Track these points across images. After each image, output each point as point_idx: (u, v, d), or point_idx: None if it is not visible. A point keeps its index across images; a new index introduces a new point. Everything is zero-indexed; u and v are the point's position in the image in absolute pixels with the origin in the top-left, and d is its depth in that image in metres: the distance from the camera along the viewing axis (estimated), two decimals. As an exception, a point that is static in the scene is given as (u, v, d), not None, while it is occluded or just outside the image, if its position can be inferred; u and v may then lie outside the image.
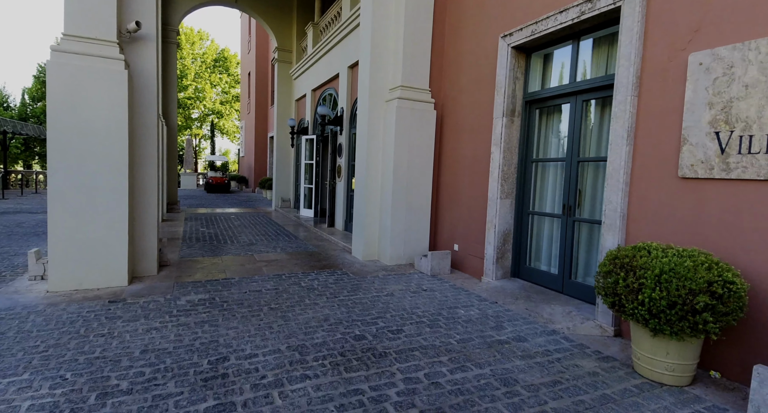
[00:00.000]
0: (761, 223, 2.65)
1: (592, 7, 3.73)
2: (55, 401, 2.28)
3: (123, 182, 4.33)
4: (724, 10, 2.86)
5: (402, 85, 5.76)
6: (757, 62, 2.66)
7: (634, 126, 3.41)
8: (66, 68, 4.05)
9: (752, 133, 2.68)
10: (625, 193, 3.46)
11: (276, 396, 2.40)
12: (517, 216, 4.98)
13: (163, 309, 3.76)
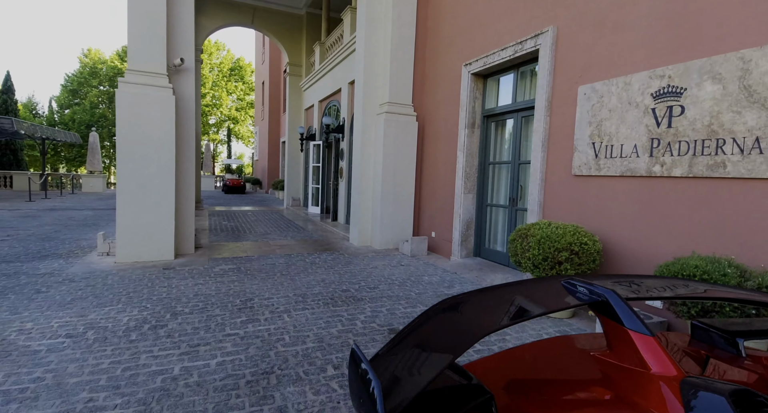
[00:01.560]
0: (615, 205, 3.85)
1: (522, 48, 4.97)
2: (144, 317, 3.60)
3: (171, 182, 5.70)
4: (600, 57, 4.07)
5: (389, 102, 7.04)
6: (616, 93, 3.88)
7: (547, 138, 4.63)
8: (130, 94, 5.44)
9: (612, 143, 3.89)
10: (541, 187, 4.68)
11: (285, 316, 3.70)
12: (477, 207, 6.21)
13: (203, 273, 5.10)
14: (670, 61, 3.40)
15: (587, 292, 1.17)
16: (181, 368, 2.71)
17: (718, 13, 3.10)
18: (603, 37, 4.00)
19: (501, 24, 5.38)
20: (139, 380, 2.54)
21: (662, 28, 3.48)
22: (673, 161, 3.34)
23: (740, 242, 2.94)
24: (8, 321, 3.41)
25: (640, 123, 3.61)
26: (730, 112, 2.98)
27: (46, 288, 4.30)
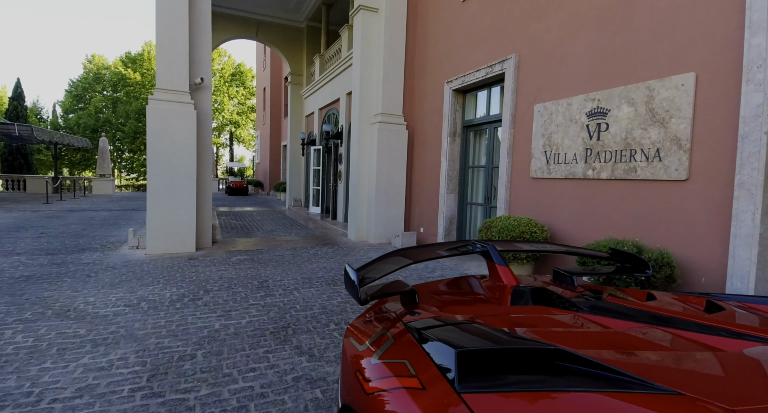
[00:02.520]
0: (560, 201, 4.75)
1: (492, 70, 5.88)
2: (182, 293, 4.49)
3: (193, 184, 6.59)
4: (550, 81, 4.98)
5: (383, 112, 7.94)
6: (561, 112, 4.78)
7: (511, 146, 5.54)
8: (159, 110, 6.33)
9: (558, 152, 4.79)
10: (507, 188, 5.58)
11: (295, 292, 4.58)
12: (459, 205, 7.11)
13: (223, 262, 5.99)
14: (600, 88, 4.31)
15: (480, 246, 2.06)
16: (219, 324, 3.60)
17: (632, 51, 4.00)
18: (552, 66, 4.91)
19: (475, 49, 6.29)
20: (190, 331, 3.43)
21: (594, 61, 4.39)
22: (601, 166, 4.25)
23: (645, 228, 3.84)
24: (73, 296, 4.30)
25: (578, 136, 4.51)
26: (639, 128, 3.89)
27: (95, 273, 5.19)
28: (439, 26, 7.32)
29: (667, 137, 3.63)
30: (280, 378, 2.70)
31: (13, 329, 3.38)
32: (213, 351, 3.08)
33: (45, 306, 3.95)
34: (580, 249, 2.32)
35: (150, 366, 2.81)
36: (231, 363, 2.90)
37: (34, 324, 3.48)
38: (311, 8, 13.83)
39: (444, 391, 1.00)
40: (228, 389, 2.55)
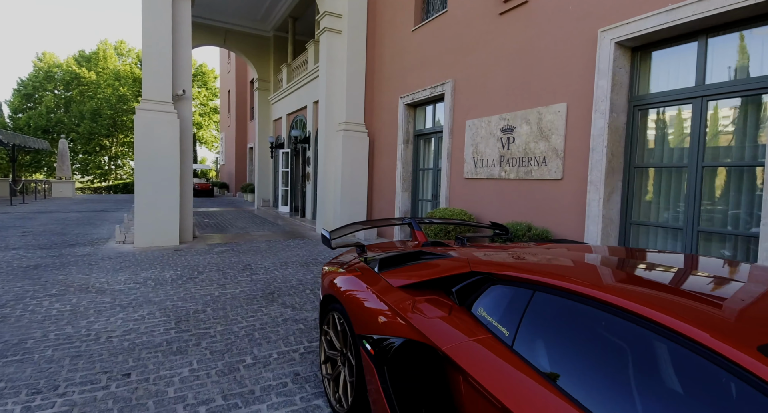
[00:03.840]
0: (484, 196, 6.09)
1: (434, 91, 7.18)
2: (179, 274, 5.42)
3: (176, 184, 7.44)
4: (477, 102, 6.31)
5: (346, 121, 9.08)
6: (484, 127, 6.12)
7: (450, 153, 6.85)
8: (145, 118, 7.15)
9: (483, 158, 6.13)
10: (447, 186, 6.88)
11: (275, 272, 5.64)
12: (412, 202, 8.38)
13: (207, 252, 6.91)
14: (509, 110, 5.68)
15: (407, 219, 3.27)
16: (218, 293, 4.61)
17: (530, 85, 5.38)
18: (478, 91, 6.26)
19: (423, 71, 7.57)
20: (196, 297, 4.43)
21: (506, 90, 5.76)
22: (510, 169, 5.61)
23: (536, 213, 5.22)
24: (86, 278, 5.13)
25: (495, 146, 5.87)
26: (533, 142, 5.27)
27: (95, 262, 5.99)
28: (394, 49, 8.56)
29: (550, 148, 5.02)
30: (272, 319, 3.80)
31: (49, 300, 4.24)
32: (218, 308, 4.12)
33: (65, 285, 4.79)
34: (472, 222, 3.60)
35: (174, 317, 3.82)
36: (234, 313, 3.95)
37: (64, 297, 4.35)
38: (278, 19, 14.73)
39: (372, 274, 2.20)
40: (236, 326, 3.62)
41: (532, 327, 1.46)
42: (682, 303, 1.23)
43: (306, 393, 2.56)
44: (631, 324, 1.20)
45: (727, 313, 1.20)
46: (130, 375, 2.73)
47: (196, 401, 2.44)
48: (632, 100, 4.40)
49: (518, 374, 1.34)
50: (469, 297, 1.81)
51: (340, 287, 2.39)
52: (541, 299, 1.50)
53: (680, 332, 1.06)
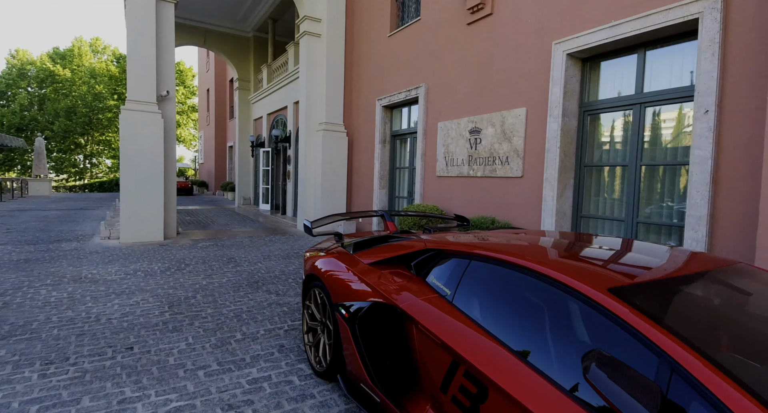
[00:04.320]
0: (454, 192, 6.58)
1: (409, 94, 7.63)
2: (167, 266, 5.70)
3: (161, 182, 7.67)
4: (447, 106, 6.79)
5: (326, 122, 9.44)
6: (454, 128, 6.61)
7: (423, 153, 7.32)
8: (130, 118, 7.35)
9: (453, 158, 6.62)
10: (421, 184, 7.35)
11: (259, 264, 5.98)
12: (389, 199, 8.82)
13: (191, 247, 7.18)
14: (476, 113, 6.18)
15: (380, 212, 3.70)
16: (206, 282, 4.94)
17: (494, 91, 5.88)
18: (449, 95, 6.74)
19: (398, 75, 8.02)
20: (185, 285, 4.75)
21: (473, 95, 6.25)
22: (477, 168, 6.11)
23: (499, 208, 5.73)
24: (77, 270, 5.37)
25: (464, 147, 6.36)
26: (497, 143, 5.78)
27: (84, 256, 6.19)
28: (371, 53, 8.97)
29: (512, 149, 5.54)
30: (258, 304, 4.17)
31: (45, 289, 4.49)
32: (207, 294, 4.46)
33: (58, 276, 5.03)
34: (439, 214, 4.06)
35: (166, 302, 4.14)
36: (222, 299, 4.30)
37: (59, 286, 4.60)
38: (258, 20, 14.92)
39: (348, 255, 2.62)
40: (225, 309, 3.98)
41: (467, 287, 1.91)
42: (567, 264, 1.70)
43: (290, 360, 2.96)
44: (532, 278, 1.65)
45: (596, 270, 1.68)
46: (132, 348, 3.07)
47: (194, 367, 2.81)
48: (582, 105, 4.95)
49: (453, 321, 1.78)
50: (423, 269, 2.25)
51: (321, 267, 2.80)
52: (474, 266, 1.95)
53: (562, 282, 1.52)
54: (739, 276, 1.73)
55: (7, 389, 2.47)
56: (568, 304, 1.47)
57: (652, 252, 2.02)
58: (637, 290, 1.42)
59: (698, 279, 1.65)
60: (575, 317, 1.45)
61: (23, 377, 2.62)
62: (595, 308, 1.37)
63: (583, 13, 4.65)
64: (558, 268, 1.60)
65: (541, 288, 1.61)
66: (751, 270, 1.81)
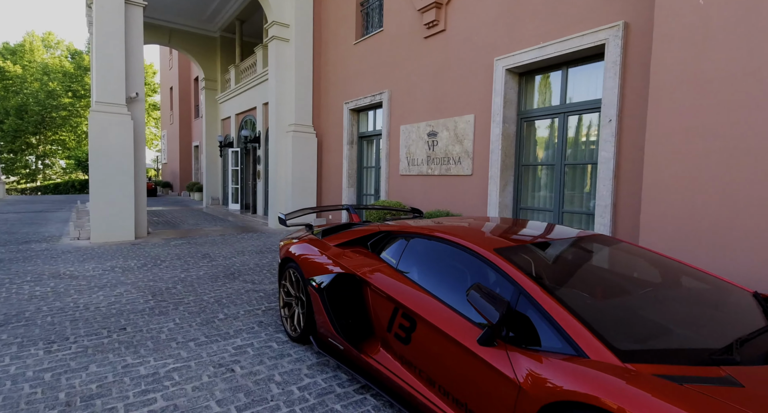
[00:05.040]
0: (415, 189, 7.23)
1: (374, 98, 8.22)
2: (143, 262, 6.00)
3: (130, 182, 7.86)
4: (408, 110, 7.42)
5: (295, 123, 9.86)
6: (414, 131, 7.24)
7: (388, 153, 7.92)
8: (99, 120, 7.52)
9: (414, 158, 7.26)
10: (386, 182, 7.95)
11: (234, 259, 6.38)
12: (357, 196, 9.36)
13: (164, 245, 7.44)
14: (434, 118, 6.83)
15: (346, 205, 4.25)
16: (184, 275, 5.32)
17: (448, 98, 6.56)
18: (409, 100, 7.38)
19: (364, 80, 8.58)
20: (165, 278, 5.11)
21: (430, 101, 6.91)
22: (434, 167, 6.78)
23: (453, 203, 6.41)
24: (54, 268, 5.58)
25: (423, 148, 7.01)
26: (451, 145, 6.46)
27: (57, 255, 6.36)
28: (339, 59, 9.48)
29: (463, 150, 6.23)
30: (236, 291, 4.62)
31: (28, 285, 4.74)
32: (187, 285, 4.85)
33: (37, 273, 5.25)
34: (397, 208, 4.66)
35: (149, 292, 4.52)
36: (202, 288, 4.72)
37: (41, 282, 4.86)
38: (225, 20, 15.04)
39: (317, 240, 3.18)
40: (205, 296, 4.41)
41: (407, 257, 2.51)
42: (472, 235, 2.34)
43: (269, 332, 3.47)
44: (449, 246, 2.27)
45: (491, 237, 2.32)
46: (126, 328, 3.48)
47: (184, 340, 3.26)
48: (520, 113, 5.69)
49: (397, 281, 2.37)
50: (377, 247, 2.83)
51: (294, 251, 3.32)
52: (412, 242, 2.55)
53: (466, 246, 2.14)
54: (590, 242, 2.44)
55: (19, 362, 2.85)
56: (470, 260, 2.10)
57: (537, 228, 2.70)
58: (512, 249, 2.07)
59: (555, 243, 2.34)
60: (473, 267, 2.07)
61: (30, 353, 2.99)
62: (484, 261, 2.00)
63: (518, 35, 5.38)
64: (465, 237, 2.22)
65: (455, 252, 2.23)
66: (605, 239, 2.53)
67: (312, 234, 3.52)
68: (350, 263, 2.75)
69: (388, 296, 2.31)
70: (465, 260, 2.15)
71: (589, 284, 2.08)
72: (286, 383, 2.62)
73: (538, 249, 2.19)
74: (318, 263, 2.98)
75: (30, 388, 2.51)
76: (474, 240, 2.18)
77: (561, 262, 2.17)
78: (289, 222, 3.72)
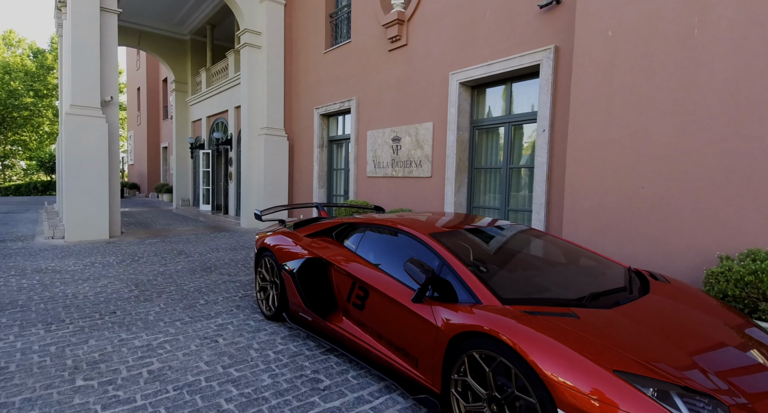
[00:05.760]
0: (381, 190, 7.83)
1: (342, 105, 8.77)
2: (122, 258, 6.31)
3: (105, 183, 8.07)
4: (375, 117, 8.02)
5: (267, 126, 10.26)
6: (380, 137, 7.85)
7: (356, 156, 8.49)
8: (74, 122, 7.71)
9: (380, 161, 7.86)
10: (354, 183, 8.52)
11: (209, 255, 6.76)
12: (327, 197, 9.87)
13: (139, 243, 7.71)
14: (397, 124, 7.46)
15: (316, 204, 4.80)
16: (163, 269, 5.69)
17: (410, 107, 7.20)
18: (375, 108, 7.98)
19: (333, 87, 9.12)
20: (145, 272, 5.47)
21: (395, 109, 7.53)
22: (398, 170, 7.41)
23: (414, 202, 7.05)
24: (36, 264, 5.81)
25: (388, 152, 7.63)
26: (413, 150, 7.11)
27: (35, 253, 6.55)
28: (309, 66, 9.98)
29: (424, 155, 6.89)
30: (213, 282, 5.06)
31: (15, 278, 5.00)
32: (167, 277, 5.25)
33: (20, 268, 5.49)
34: (362, 205, 5.24)
35: (132, 283, 4.89)
36: (181, 280, 5.13)
37: (26, 276, 5.12)
38: (196, 24, 15.20)
39: (290, 232, 3.72)
40: (186, 286, 4.83)
41: (365, 243, 3.09)
42: (414, 224, 2.95)
43: (246, 313, 3.96)
44: (396, 232, 2.87)
45: (428, 224, 2.94)
46: (116, 312, 3.88)
47: (171, 320, 3.71)
48: (472, 122, 6.40)
49: (356, 262, 2.95)
50: (341, 236, 3.39)
51: (269, 242, 3.84)
52: (369, 232, 3.14)
53: (408, 232, 2.74)
54: (506, 229, 3.11)
55: (23, 339, 3.23)
56: (411, 243, 2.71)
57: (472, 220, 3.35)
58: (443, 234, 2.69)
59: (477, 230, 2.99)
60: (414, 248, 2.68)
61: (32, 332, 3.37)
62: (421, 243, 2.62)
63: (469, 53, 6.09)
64: (408, 225, 2.83)
65: (401, 236, 2.83)
66: (518, 227, 3.21)
67: (285, 227, 4.04)
68: (318, 250, 3.30)
69: (348, 274, 2.88)
70: (408, 243, 2.75)
71: (494, 257, 2.73)
72: (263, 349, 3.14)
73: (463, 234, 2.82)
74: (290, 251, 3.51)
75: (39, 358, 2.92)
76: (415, 228, 2.79)
77: (477, 243, 2.81)
78: (263, 217, 4.22)
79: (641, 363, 1.62)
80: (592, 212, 4.22)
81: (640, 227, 3.88)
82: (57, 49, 28.32)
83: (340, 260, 3.05)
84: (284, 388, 2.56)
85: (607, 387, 1.51)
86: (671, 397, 1.49)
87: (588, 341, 1.72)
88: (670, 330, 1.97)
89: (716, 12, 3.43)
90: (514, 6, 5.46)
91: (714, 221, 3.45)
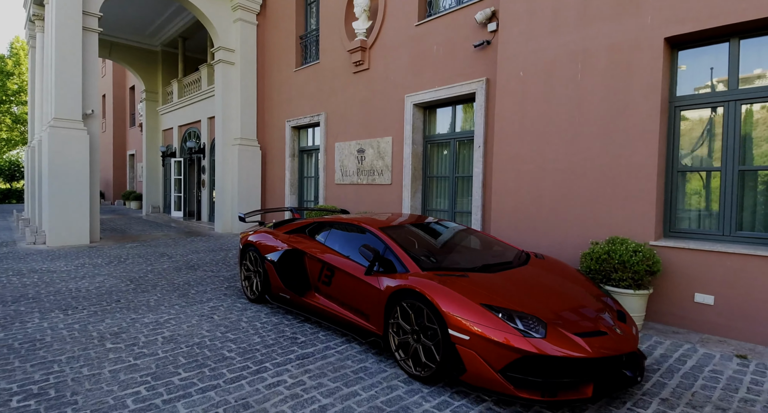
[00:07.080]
0: (348, 196, 8.75)
1: (312, 119, 9.66)
2: (108, 260, 6.89)
3: (86, 191, 8.56)
4: (342, 130, 8.96)
5: (241, 137, 10.97)
6: (346, 148, 8.79)
7: (325, 165, 9.38)
8: (58, 134, 8.19)
9: (347, 170, 8.79)
10: (324, 189, 9.39)
11: (191, 256, 7.44)
12: (299, 203, 10.68)
13: (120, 247, 8.25)
14: (362, 138, 8.43)
15: (290, 208, 5.66)
16: (150, 268, 6.35)
17: (372, 122, 8.19)
18: (342, 122, 8.93)
19: (304, 103, 9.99)
20: (135, 270, 6.13)
21: (359, 124, 8.51)
22: (363, 178, 8.36)
23: (377, 207, 8.02)
24: (29, 266, 6.31)
25: (354, 162, 8.58)
26: (375, 160, 8.09)
27: (23, 257, 7.01)
28: (281, 82, 10.81)
29: (385, 165, 7.88)
30: (200, 277, 5.81)
31: (16, 277, 5.54)
32: (157, 274, 5.94)
33: (16, 270, 6.01)
34: (331, 209, 6.16)
35: (127, 279, 5.57)
36: (170, 276, 5.84)
37: (25, 275, 5.67)
38: (168, 37, 15.64)
39: (271, 231, 4.60)
40: (176, 281, 5.56)
41: (331, 237, 4.01)
42: (368, 221, 3.91)
43: (233, 298, 4.77)
44: (354, 228, 3.81)
45: (379, 220, 3.91)
46: (119, 300, 4.59)
47: (170, 304, 4.47)
48: (425, 137, 7.47)
49: (325, 251, 3.86)
50: (313, 232, 4.30)
51: (253, 238, 4.67)
52: (334, 229, 4.06)
53: (363, 226, 3.70)
54: (440, 225, 4.12)
55: (46, 322, 3.92)
56: (366, 235, 3.66)
57: (416, 218, 4.35)
58: (390, 227, 3.67)
59: (417, 225, 3.98)
60: (367, 238, 3.63)
61: (53, 316, 4.05)
62: (372, 234, 3.58)
63: (421, 79, 7.16)
64: (364, 222, 3.79)
65: (358, 230, 3.77)
66: (450, 224, 4.23)
67: (266, 227, 4.90)
68: (295, 243, 4.19)
69: (319, 259, 3.79)
70: (364, 235, 3.69)
71: (424, 243, 3.73)
72: (251, 321, 3.98)
73: (406, 228, 3.80)
74: (272, 245, 4.38)
75: (67, 332, 3.64)
76: (369, 224, 3.74)
77: (415, 234, 3.79)
78: (246, 219, 5.05)
79: (498, 300, 2.63)
80: (511, 212, 5.32)
81: (543, 223, 5.00)
82: (16, 55, 27.58)
83: (313, 250, 3.96)
84: (270, 343, 3.43)
85: (474, 313, 2.51)
86: (514, 318, 2.50)
87: (470, 289, 2.72)
88: (532, 285, 3.01)
89: (592, 62, 4.62)
90: (456, 43, 6.58)
91: (592, 218, 4.61)
